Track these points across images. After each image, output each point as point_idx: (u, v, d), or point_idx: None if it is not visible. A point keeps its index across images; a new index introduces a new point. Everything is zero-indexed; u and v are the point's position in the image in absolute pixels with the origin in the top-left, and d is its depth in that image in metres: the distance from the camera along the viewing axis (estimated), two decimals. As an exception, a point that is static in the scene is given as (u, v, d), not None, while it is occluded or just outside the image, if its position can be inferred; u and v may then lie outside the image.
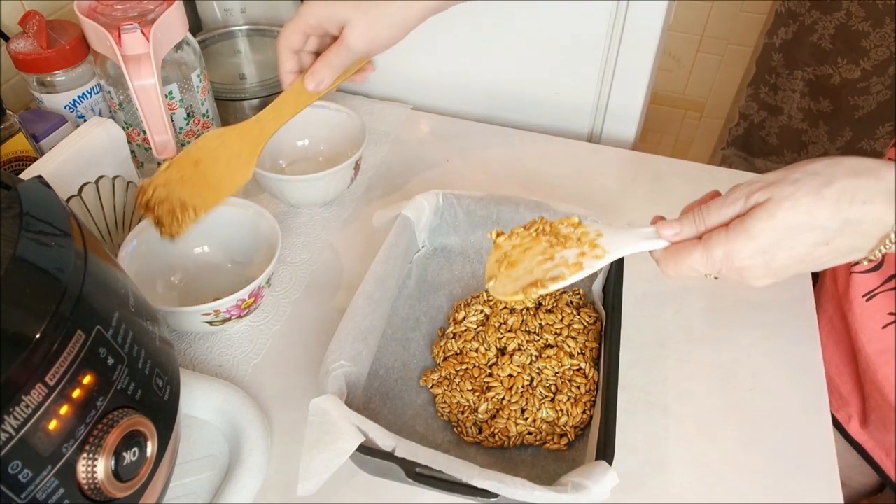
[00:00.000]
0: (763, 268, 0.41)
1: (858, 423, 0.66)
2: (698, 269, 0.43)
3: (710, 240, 0.42)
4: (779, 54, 1.54)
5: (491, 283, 0.49)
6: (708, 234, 0.42)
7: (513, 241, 0.51)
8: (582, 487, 0.43)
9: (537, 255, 0.48)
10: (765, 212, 0.40)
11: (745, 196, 0.41)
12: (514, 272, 0.48)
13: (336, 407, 0.46)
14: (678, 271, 0.44)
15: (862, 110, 1.52)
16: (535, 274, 0.47)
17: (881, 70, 1.45)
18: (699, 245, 0.42)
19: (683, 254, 0.43)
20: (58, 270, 0.34)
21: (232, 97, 0.79)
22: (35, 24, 0.63)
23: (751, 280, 0.43)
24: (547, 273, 0.46)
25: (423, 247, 0.68)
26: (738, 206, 0.42)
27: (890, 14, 1.37)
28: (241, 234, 0.64)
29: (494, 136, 0.85)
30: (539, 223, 0.50)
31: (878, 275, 0.62)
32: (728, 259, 0.41)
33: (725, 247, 0.41)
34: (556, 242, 0.48)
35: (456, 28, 0.83)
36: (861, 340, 0.62)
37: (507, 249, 0.50)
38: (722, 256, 0.41)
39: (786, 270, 0.42)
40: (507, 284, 0.48)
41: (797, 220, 0.39)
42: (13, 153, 0.62)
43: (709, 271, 0.43)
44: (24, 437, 0.30)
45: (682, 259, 0.43)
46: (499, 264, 0.50)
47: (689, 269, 0.43)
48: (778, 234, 0.40)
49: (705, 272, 0.43)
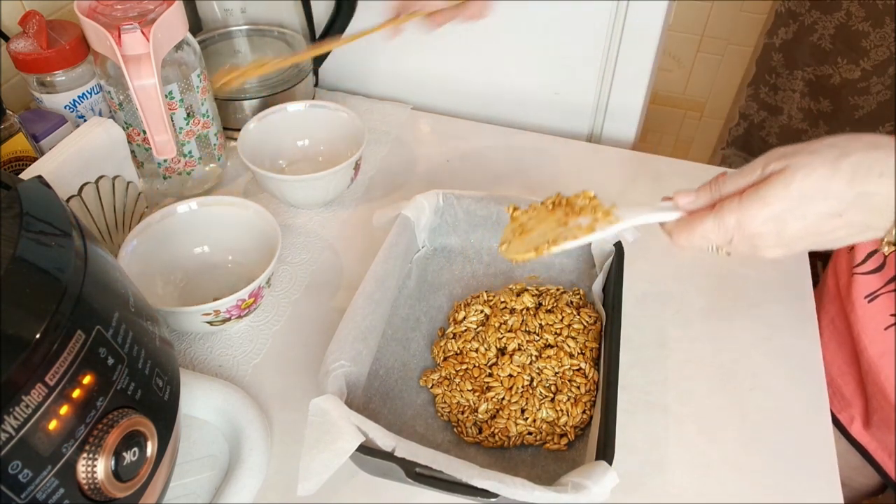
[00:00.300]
0: (775, 236, 0.41)
1: (861, 424, 0.66)
2: (710, 237, 0.42)
3: (722, 207, 0.42)
4: (779, 54, 1.54)
5: (503, 246, 0.50)
6: (721, 202, 0.42)
7: (529, 213, 0.52)
8: (582, 487, 0.43)
9: (552, 223, 0.49)
10: (780, 180, 0.40)
11: (763, 165, 0.41)
12: (527, 237, 0.49)
13: (336, 407, 0.46)
14: (690, 240, 0.43)
15: (862, 110, 1.52)
16: (548, 237, 0.47)
17: (881, 70, 1.45)
18: (711, 213, 0.42)
19: (695, 222, 0.43)
20: (58, 270, 0.34)
21: (232, 97, 0.79)
22: (35, 24, 0.63)
23: (762, 249, 0.42)
24: (560, 235, 0.47)
25: (423, 247, 0.68)
26: (755, 175, 0.42)
27: (890, 14, 1.37)
28: (241, 234, 0.64)
29: (494, 136, 0.85)
30: (555, 198, 0.51)
31: (880, 276, 0.62)
32: (740, 226, 0.41)
33: (738, 213, 0.41)
34: (570, 212, 0.49)
35: (456, 28, 0.83)
36: (863, 342, 0.62)
37: (523, 220, 0.51)
38: (734, 224, 0.41)
39: (798, 241, 0.41)
40: (519, 247, 0.48)
41: (812, 188, 0.39)
42: (13, 153, 0.62)
43: (720, 240, 0.42)
44: (24, 437, 0.30)
45: (693, 227, 0.43)
46: (514, 232, 0.51)
47: (700, 238, 0.43)
48: (792, 201, 0.40)
49: (717, 241, 0.43)
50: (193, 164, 0.72)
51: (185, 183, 0.74)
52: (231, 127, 0.80)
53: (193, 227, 0.64)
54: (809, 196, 0.39)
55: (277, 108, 0.75)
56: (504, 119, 0.89)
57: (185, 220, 0.63)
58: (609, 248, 0.61)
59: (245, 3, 0.84)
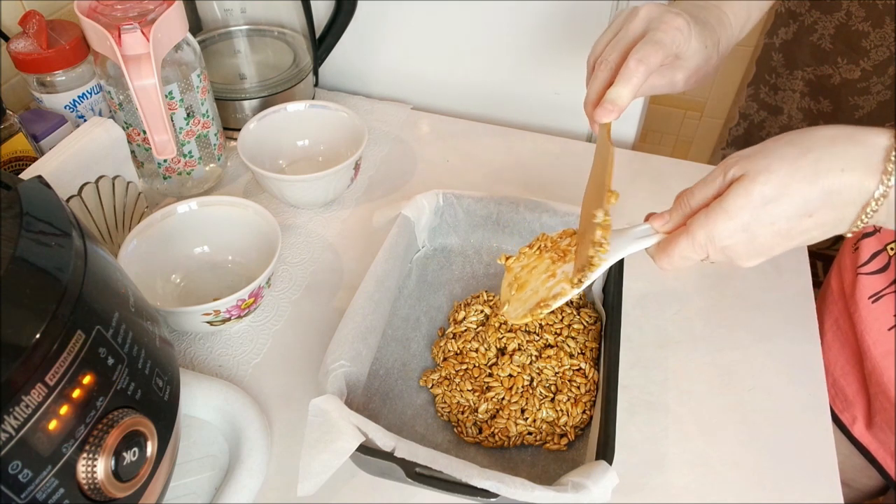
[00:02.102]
0: (746, 245, 0.40)
1: (863, 424, 0.66)
2: (688, 255, 0.42)
3: (692, 224, 0.41)
4: (779, 54, 1.54)
5: (505, 307, 0.50)
6: (691, 219, 0.42)
7: (521, 262, 0.52)
8: (582, 487, 0.43)
9: (541, 274, 0.49)
10: (741, 188, 0.39)
11: (723, 172, 0.40)
12: (522, 294, 0.49)
13: (336, 407, 0.47)
14: (671, 263, 0.43)
15: (862, 110, 1.52)
16: (539, 294, 0.48)
17: (881, 70, 1.45)
18: (683, 231, 0.42)
19: (671, 245, 0.42)
20: (58, 270, 0.34)
21: (232, 97, 0.79)
22: (35, 24, 0.63)
23: (738, 260, 0.42)
24: (550, 291, 0.47)
25: (423, 247, 0.68)
26: (717, 183, 0.41)
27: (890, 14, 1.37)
28: (241, 233, 0.64)
29: (494, 136, 0.85)
30: (541, 240, 0.51)
31: (884, 276, 0.62)
32: (711, 240, 0.40)
33: (706, 228, 0.40)
34: (556, 258, 0.49)
35: (456, 28, 0.83)
36: (867, 342, 0.62)
37: (517, 271, 0.52)
38: (705, 239, 0.40)
39: (772, 247, 0.40)
40: (517, 308, 0.49)
41: (773, 192, 0.38)
42: (13, 153, 0.62)
43: (697, 256, 0.42)
44: (24, 437, 0.30)
45: (671, 250, 0.42)
46: (510, 287, 0.51)
47: (680, 259, 0.42)
48: (756, 209, 0.39)
49: (695, 258, 0.42)
50: (193, 164, 0.72)
51: (185, 183, 0.74)
52: (231, 127, 0.80)
53: (193, 227, 0.64)
54: (772, 199, 0.38)
55: (277, 108, 0.75)
56: (504, 119, 0.89)
57: (185, 220, 0.63)
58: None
59: (245, 3, 0.84)
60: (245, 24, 0.85)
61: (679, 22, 0.47)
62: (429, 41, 0.86)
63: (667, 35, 0.46)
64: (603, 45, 0.49)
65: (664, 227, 0.44)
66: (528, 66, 0.83)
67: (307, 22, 0.80)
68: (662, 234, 0.44)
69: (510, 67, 0.84)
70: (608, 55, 0.47)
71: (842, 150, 0.38)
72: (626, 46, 0.47)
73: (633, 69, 0.45)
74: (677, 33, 0.47)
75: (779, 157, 0.38)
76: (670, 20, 0.47)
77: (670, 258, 0.43)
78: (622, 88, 0.45)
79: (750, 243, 0.40)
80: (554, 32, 0.79)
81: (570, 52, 0.80)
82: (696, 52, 0.49)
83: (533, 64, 0.83)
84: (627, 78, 0.45)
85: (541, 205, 0.64)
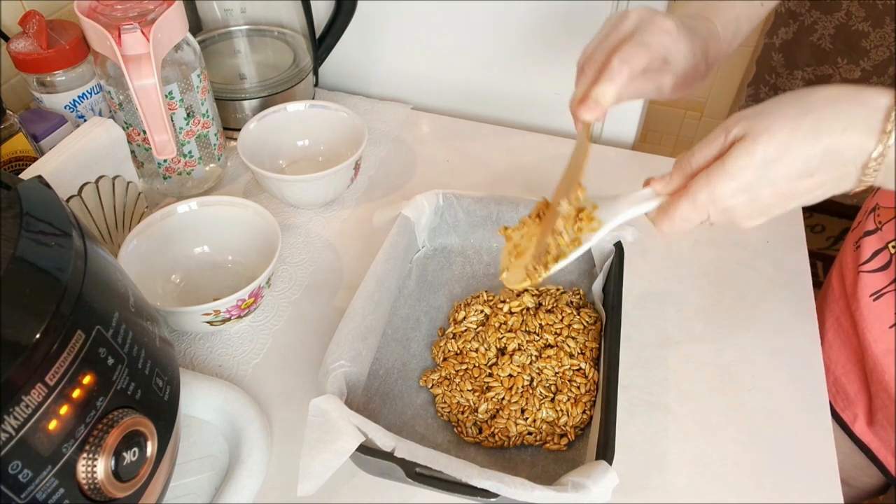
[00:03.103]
0: (748, 206, 0.40)
1: (864, 422, 0.66)
2: (690, 217, 0.41)
3: (693, 185, 0.41)
4: (779, 54, 1.54)
5: (504, 274, 0.50)
6: (692, 180, 0.41)
7: (520, 231, 0.52)
8: (582, 487, 0.43)
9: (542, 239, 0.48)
10: (742, 148, 0.39)
11: (724, 132, 0.40)
12: (521, 261, 0.49)
13: (336, 407, 0.47)
14: (672, 226, 0.43)
15: (862, 110, 1.52)
16: (539, 259, 0.47)
17: (881, 70, 1.45)
18: (684, 192, 0.41)
19: (672, 207, 0.42)
20: (58, 270, 0.34)
21: (232, 97, 0.79)
22: (35, 24, 0.63)
23: (739, 220, 0.41)
24: (550, 255, 0.46)
25: (423, 247, 0.68)
26: (718, 143, 0.41)
27: (890, 14, 1.37)
28: (241, 233, 0.64)
29: (494, 136, 0.85)
30: (539, 206, 0.51)
31: (885, 274, 0.62)
32: (713, 201, 0.40)
33: (707, 189, 0.40)
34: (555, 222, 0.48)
35: (456, 28, 0.83)
36: (868, 340, 0.62)
37: (517, 240, 0.51)
38: (706, 200, 0.40)
39: (773, 207, 0.40)
40: (516, 273, 0.49)
41: (775, 152, 0.38)
42: (13, 153, 0.62)
43: (698, 218, 0.41)
44: (24, 437, 0.30)
45: (672, 212, 0.42)
46: (509, 255, 0.51)
47: (681, 221, 0.42)
48: (757, 169, 0.39)
49: (696, 220, 0.42)
50: (193, 164, 0.72)
51: (185, 183, 0.74)
52: (231, 127, 0.80)
53: (193, 227, 0.64)
54: (774, 160, 0.38)
55: (277, 108, 0.75)
56: (504, 119, 0.89)
57: (185, 220, 0.63)
58: (609, 247, 0.61)
59: (245, 3, 0.84)
60: (245, 24, 0.85)
61: (668, 25, 0.47)
62: (429, 41, 0.86)
63: (654, 37, 0.47)
64: (592, 47, 0.49)
65: (665, 189, 0.44)
66: (528, 66, 0.83)
67: (307, 22, 0.80)
68: (663, 196, 0.44)
69: (510, 68, 0.84)
70: (596, 56, 0.48)
71: (843, 109, 0.37)
72: (614, 47, 0.47)
73: (616, 69, 0.46)
74: (665, 36, 0.47)
75: (781, 116, 0.38)
76: (659, 22, 0.47)
77: (671, 220, 0.42)
78: (605, 86, 0.46)
79: (752, 204, 0.40)
80: (554, 32, 0.79)
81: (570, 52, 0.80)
82: (685, 58, 0.49)
83: (533, 64, 0.83)
84: (610, 77, 0.46)
85: (541, 205, 0.64)
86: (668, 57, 0.48)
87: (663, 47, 0.47)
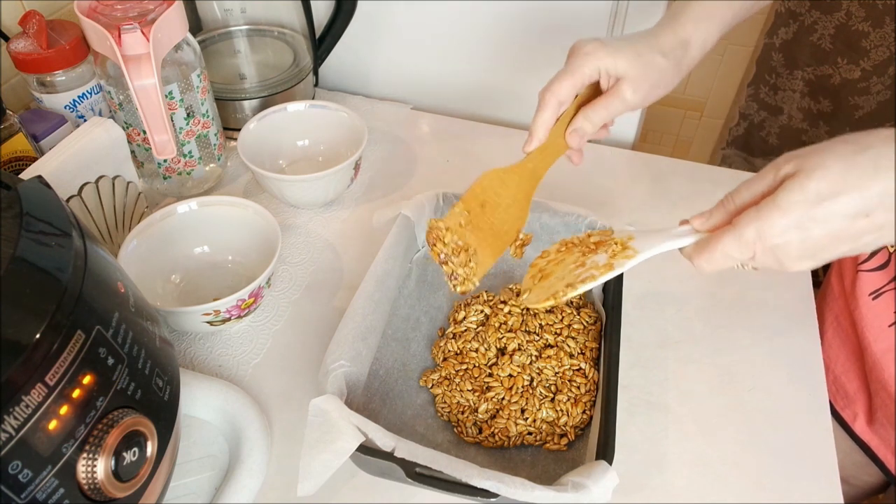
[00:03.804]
0: (798, 245, 0.38)
1: (864, 421, 0.66)
2: (731, 253, 0.40)
3: (740, 220, 0.39)
4: (779, 54, 1.54)
5: (525, 295, 0.50)
6: (738, 216, 0.40)
7: (546, 258, 0.52)
8: (582, 487, 0.43)
9: (570, 265, 0.49)
10: (794, 182, 0.37)
11: (775, 170, 0.39)
12: (546, 283, 0.49)
13: (336, 407, 0.46)
14: (711, 261, 0.41)
15: (862, 110, 1.52)
16: (566, 279, 0.47)
17: (881, 70, 1.45)
18: (729, 228, 0.40)
19: (714, 241, 0.41)
20: (58, 270, 0.34)
21: (232, 97, 0.79)
22: (35, 24, 0.63)
23: (787, 261, 0.39)
24: (578, 277, 0.46)
25: (423, 247, 0.68)
26: (767, 180, 0.40)
27: (890, 14, 1.37)
28: (241, 233, 0.64)
29: (494, 136, 0.85)
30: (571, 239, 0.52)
31: (884, 273, 0.62)
32: (761, 237, 0.38)
33: (756, 224, 0.38)
34: (588, 251, 0.48)
35: (456, 28, 0.83)
36: (867, 339, 0.62)
37: (542, 265, 0.52)
38: (754, 235, 0.39)
39: (824, 249, 0.39)
40: (539, 294, 0.48)
41: (829, 188, 0.36)
42: (13, 153, 0.62)
43: (742, 255, 0.40)
44: (24, 437, 0.30)
45: (713, 247, 0.41)
46: (533, 279, 0.51)
47: (722, 257, 0.41)
48: (810, 205, 0.37)
49: (739, 257, 0.40)
50: (193, 164, 0.72)
51: (185, 183, 0.74)
52: (231, 127, 0.80)
53: (193, 227, 0.64)
54: (828, 196, 0.37)
55: (277, 108, 0.75)
56: (503, 119, 0.89)
57: (185, 220, 0.63)
58: (609, 248, 0.61)
59: (245, 3, 0.84)
60: (245, 24, 0.85)
61: (588, 47, 0.51)
62: (429, 41, 0.86)
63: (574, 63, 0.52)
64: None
65: (704, 226, 0.43)
66: (527, 66, 0.83)
67: (307, 22, 0.80)
68: (702, 233, 0.43)
69: (510, 67, 0.84)
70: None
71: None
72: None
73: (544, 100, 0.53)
74: (584, 58, 0.51)
75: (835, 154, 0.37)
76: (581, 47, 0.52)
77: (711, 255, 0.41)
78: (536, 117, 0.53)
79: (802, 243, 0.38)
80: (554, 33, 0.79)
81: (570, 52, 0.80)
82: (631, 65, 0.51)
83: (533, 64, 0.83)
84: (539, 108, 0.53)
85: (540, 204, 0.64)
86: (608, 71, 0.52)
87: (587, 68, 0.51)
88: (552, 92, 0.52)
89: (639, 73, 0.51)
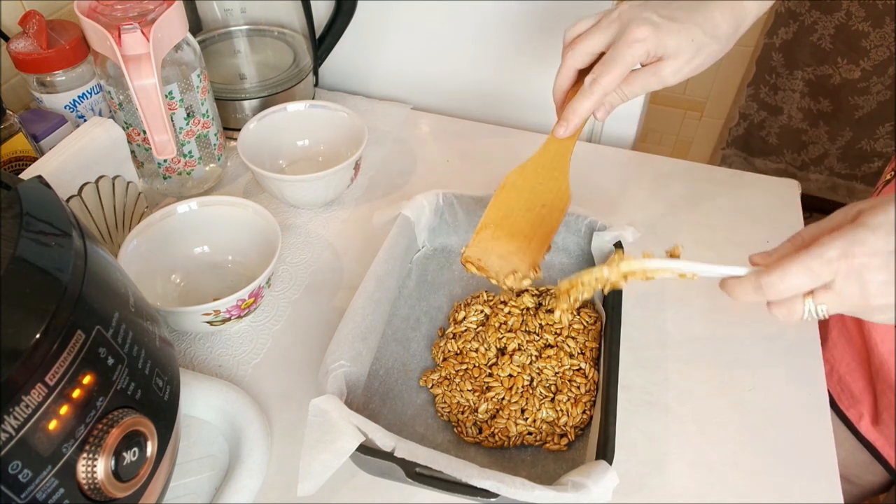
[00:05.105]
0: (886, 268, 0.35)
1: (869, 421, 0.66)
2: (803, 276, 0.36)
3: (820, 241, 0.36)
4: (779, 54, 1.54)
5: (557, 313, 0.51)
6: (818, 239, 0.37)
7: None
8: (582, 487, 0.43)
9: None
10: (877, 208, 0.35)
11: (844, 211, 0.38)
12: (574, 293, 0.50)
13: (336, 407, 0.47)
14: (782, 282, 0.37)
15: (862, 110, 1.52)
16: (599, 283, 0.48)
17: (881, 70, 1.45)
18: (804, 250, 0.36)
19: (781, 263, 0.37)
20: (58, 270, 0.34)
21: (232, 97, 0.79)
22: (35, 24, 0.63)
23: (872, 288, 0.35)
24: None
25: (423, 247, 0.68)
26: (837, 219, 0.37)
27: (890, 14, 1.37)
28: (241, 233, 0.64)
29: (494, 136, 0.85)
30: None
31: None
32: (847, 254, 0.35)
33: (842, 240, 0.35)
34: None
35: (455, 28, 0.83)
36: (874, 339, 0.62)
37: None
38: (839, 253, 0.35)
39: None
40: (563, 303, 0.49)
41: None
42: (13, 153, 0.62)
43: (818, 279, 0.36)
44: (24, 437, 0.30)
45: (785, 268, 0.37)
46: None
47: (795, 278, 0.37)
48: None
49: (811, 282, 0.37)
50: (193, 164, 0.72)
51: (185, 183, 0.74)
52: (231, 127, 0.80)
53: (193, 227, 0.64)
54: None
55: (277, 108, 0.75)
56: (503, 119, 0.89)
57: (185, 220, 0.63)
58: (609, 248, 0.61)
59: (245, 3, 0.84)
60: (245, 24, 0.85)
61: (639, 33, 0.48)
62: (429, 41, 0.86)
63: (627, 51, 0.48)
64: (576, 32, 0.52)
65: (766, 260, 0.40)
66: (528, 66, 0.83)
67: (307, 22, 0.80)
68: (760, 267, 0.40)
69: (510, 68, 0.84)
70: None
71: None
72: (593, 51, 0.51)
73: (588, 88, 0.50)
74: (638, 46, 0.48)
75: None
76: (630, 33, 0.48)
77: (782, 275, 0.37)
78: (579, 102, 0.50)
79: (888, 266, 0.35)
80: (555, 33, 0.79)
81: (570, 52, 0.80)
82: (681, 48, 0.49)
83: (533, 64, 0.83)
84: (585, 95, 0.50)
85: (541, 205, 0.64)
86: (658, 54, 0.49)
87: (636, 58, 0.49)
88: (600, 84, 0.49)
89: (686, 57, 0.49)
